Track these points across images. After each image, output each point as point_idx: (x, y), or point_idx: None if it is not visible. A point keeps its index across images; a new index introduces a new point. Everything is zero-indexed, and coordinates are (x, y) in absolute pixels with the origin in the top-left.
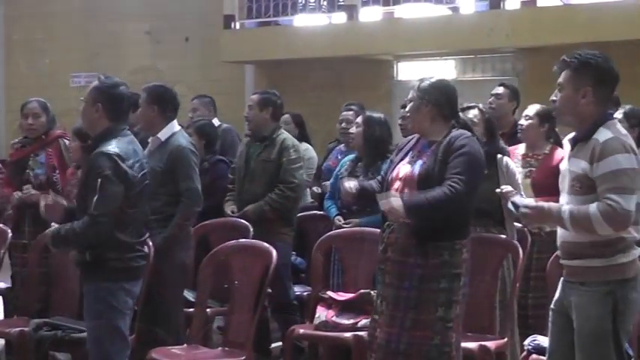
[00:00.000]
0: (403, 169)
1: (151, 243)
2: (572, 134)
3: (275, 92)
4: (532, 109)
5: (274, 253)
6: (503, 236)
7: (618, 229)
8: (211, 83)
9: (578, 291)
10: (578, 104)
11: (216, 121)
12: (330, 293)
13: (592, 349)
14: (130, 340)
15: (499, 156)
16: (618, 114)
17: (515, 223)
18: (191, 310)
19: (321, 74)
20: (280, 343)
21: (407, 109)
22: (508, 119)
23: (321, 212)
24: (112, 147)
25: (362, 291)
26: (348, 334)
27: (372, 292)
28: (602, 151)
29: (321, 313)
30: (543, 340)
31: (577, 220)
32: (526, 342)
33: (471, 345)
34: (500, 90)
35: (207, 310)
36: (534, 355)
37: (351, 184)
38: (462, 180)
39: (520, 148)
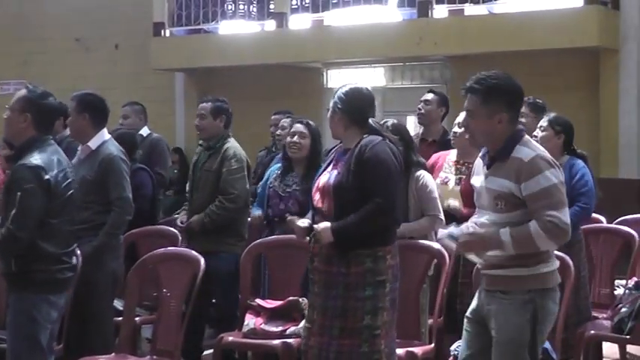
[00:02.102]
0: (323, 178)
1: (79, 252)
2: (482, 151)
3: (225, 99)
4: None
5: (202, 261)
6: (429, 242)
7: (560, 242)
8: (141, 91)
9: (499, 299)
10: (495, 129)
11: (145, 130)
12: (258, 301)
13: (510, 356)
14: (49, 353)
15: (413, 169)
16: (543, 122)
17: None
18: (120, 318)
19: (251, 82)
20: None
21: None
22: (437, 126)
23: None
24: (34, 159)
25: (290, 298)
26: (276, 342)
27: (300, 299)
28: (531, 170)
29: (250, 321)
30: None
31: (519, 241)
32: (452, 347)
33: (399, 351)
34: (429, 96)
35: (136, 318)
36: None
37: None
38: (383, 196)
39: (452, 154)
